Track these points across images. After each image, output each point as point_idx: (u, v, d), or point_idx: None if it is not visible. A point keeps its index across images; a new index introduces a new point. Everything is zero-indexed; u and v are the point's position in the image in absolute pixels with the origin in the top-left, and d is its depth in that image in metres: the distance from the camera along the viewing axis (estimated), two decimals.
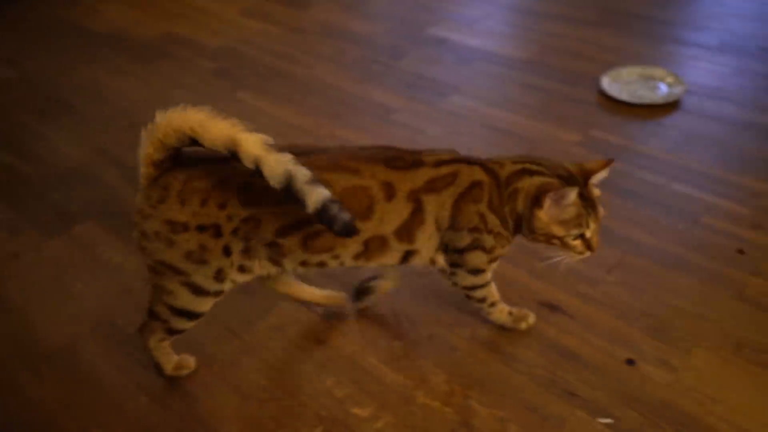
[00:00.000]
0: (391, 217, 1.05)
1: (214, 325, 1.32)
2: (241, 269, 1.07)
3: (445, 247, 1.12)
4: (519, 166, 1.10)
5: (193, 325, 1.12)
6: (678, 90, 2.05)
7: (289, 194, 0.90)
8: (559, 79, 2.22)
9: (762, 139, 1.84)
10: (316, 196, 0.89)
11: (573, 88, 2.16)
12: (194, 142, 0.93)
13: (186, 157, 1.01)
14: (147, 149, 0.97)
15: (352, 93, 2.21)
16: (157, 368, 1.22)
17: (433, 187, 1.06)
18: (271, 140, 0.90)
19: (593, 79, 2.17)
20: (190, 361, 1.24)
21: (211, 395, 1.19)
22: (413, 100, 2.14)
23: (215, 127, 0.91)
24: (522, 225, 1.11)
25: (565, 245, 1.10)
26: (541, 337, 1.28)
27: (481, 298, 1.23)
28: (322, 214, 0.90)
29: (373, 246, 1.07)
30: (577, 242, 1.09)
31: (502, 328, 1.30)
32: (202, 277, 1.04)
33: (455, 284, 1.19)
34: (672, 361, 1.22)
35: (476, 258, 1.13)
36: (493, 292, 1.24)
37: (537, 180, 1.07)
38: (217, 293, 1.08)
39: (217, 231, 1.01)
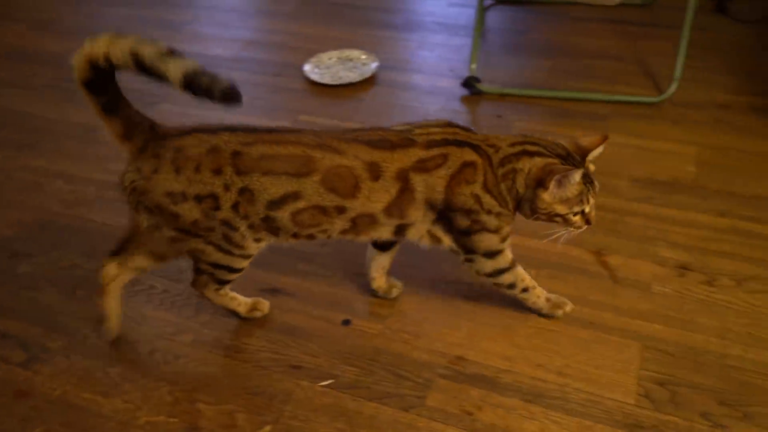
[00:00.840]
0: (378, 195, 1.07)
1: None
2: (257, 241, 1.12)
3: (450, 228, 1.13)
4: (518, 148, 1.10)
5: (238, 275, 1.19)
6: (372, 67, 2.23)
7: (149, 75, 0.95)
8: (265, 72, 2.28)
9: (443, 100, 2.10)
10: (177, 68, 0.92)
11: (279, 78, 2.23)
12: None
13: (174, 129, 1.06)
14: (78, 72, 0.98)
15: (48, 118, 2.02)
16: (233, 313, 1.29)
17: (423, 166, 1.07)
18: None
19: (298, 67, 2.26)
20: (265, 304, 1.31)
21: None
22: None
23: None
24: (521, 204, 1.12)
25: (566, 221, 1.13)
26: (264, 322, 1.31)
27: (510, 284, 1.22)
28: (192, 87, 0.92)
29: (362, 222, 1.10)
30: (578, 218, 1.13)
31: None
32: (220, 240, 1.09)
33: (479, 274, 1.20)
34: (381, 311, 1.34)
35: (485, 240, 1.14)
36: (522, 276, 1.23)
37: (538, 161, 1.09)
38: (244, 256, 1.14)
39: (215, 202, 1.04)
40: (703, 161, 1.72)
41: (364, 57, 2.30)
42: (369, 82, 2.20)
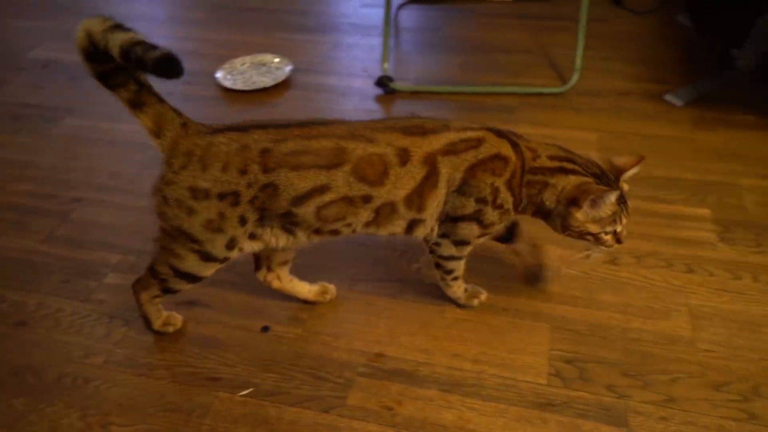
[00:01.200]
0: (403, 181, 1.06)
1: None
2: (252, 237, 1.10)
3: (444, 217, 1.12)
4: (555, 163, 1.10)
5: (189, 287, 1.18)
6: (286, 71, 2.22)
7: (103, 54, 0.95)
8: (176, 81, 2.22)
9: (358, 100, 2.11)
10: (116, 41, 0.92)
11: (191, 86, 2.18)
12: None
13: (207, 127, 1.06)
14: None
15: None
16: (146, 322, 1.27)
17: (453, 149, 1.06)
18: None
19: (210, 75, 2.22)
20: (178, 319, 1.28)
21: None
22: (19, 132, 1.94)
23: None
24: (551, 218, 1.12)
25: (597, 240, 1.12)
26: (181, 336, 1.29)
27: (451, 269, 1.24)
28: (128, 58, 0.92)
29: (384, 213, 1.09)
30: (609, 236, 1.12)
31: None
32: (215, 245, 1.08)
33: (433, 252, 1.21)
34: (300, 315, 1.33)
35: (468, 229, 1.14)
36: (461, 266, 1.25)
37: (573, 179, 1.08)
38: (225, 260, 1.12)
39: (235, 199, 1.03)
40: (605, 146, 1.80)
41: (277, 61, 2.28)
42: (283, 85, 2.18)
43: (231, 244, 1.10)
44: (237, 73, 2.23)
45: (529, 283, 1.38)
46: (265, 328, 1.30)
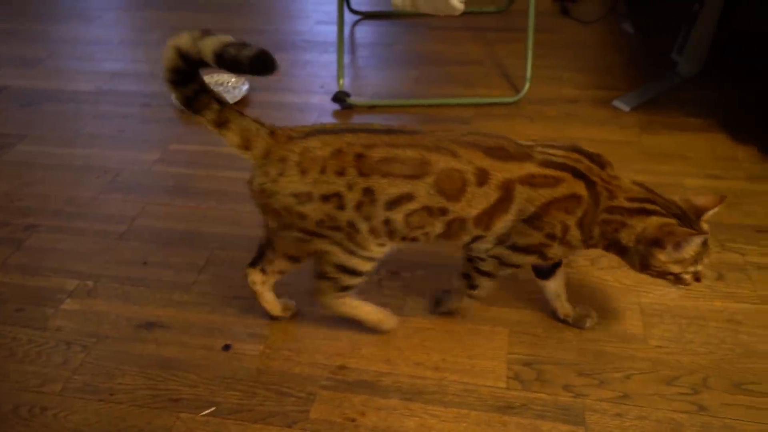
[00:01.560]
0: (477, 201, 1.07)
1: None
2: (380, 246, 1.14)
3: (505, 240, 1.12)
4: (636, 205, 1.07)
5: (361, 280, 1.19)
6: (243, 90, 2.23)
7: (195, 65, 0.99)
8: (132, 103, 2.21)
9: (316, 116, 2.13)
10: (208, 48, 0.95)
11: (148, 109, 2.17)
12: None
13: (297, 131, 1.09)
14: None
15: None
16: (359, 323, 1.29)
17: (531, 182, 1.06)
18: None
19: (167, 96, 2.21)
20: (394, 320, 1.31)
21: None
22: None
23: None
24: (629, 256, 1.10)
25: (678, 279, 1.09)
26: (140, 358, 1.27)
27: (478, 284, 1.24)
28: (223, 61, 0.95)
29: (454, 227, 1.10)
30: (689, 276, 1.09)
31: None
32: (344, 241, 1.11)
33: (471, 262, 1.21)
34: (263, 332, 1.33)
35: (525, 259, 1.15)
36: (488, 285, 1.25)
37: (655, 220, 1.05)
38: (368, 258, 1.15)
39: (340, 202, 1.06)
40: None
41: (233, 80, 2.29)
42: (241, 104, 2.19)
43: (357, 243, 1.12)
44: None
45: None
46: (227, 347, 1.30)
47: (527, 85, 2.12)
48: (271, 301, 1.33)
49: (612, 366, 1.23)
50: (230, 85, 2.27)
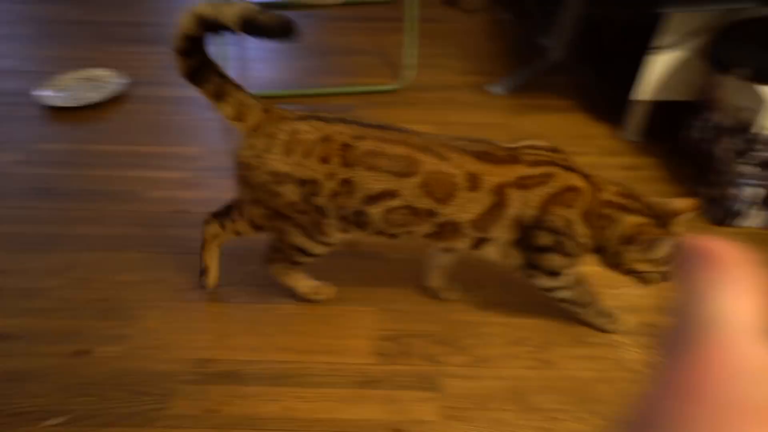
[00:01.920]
0: (471, 206, 1.07)
1: None
2: (343, 231, 1.14)
3: (525, 245, 1.11)
4: (622, 200, 1.08)
5: (312, 260, 1.21)
6: (119, 85, 2.13)
7: (214, 29, 1.03)
8: None
9: (199, 110, 2.07)
10: (232, 13, 0.98)
11: (12, 107, 2.04)
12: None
13: (291, 113, 1.10)
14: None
15: None
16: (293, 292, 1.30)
17: (523, 183, 1.06)
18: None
19: (33, 93, 2.09)
20: (331, 290, 1.32)
21: None
22: None
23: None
24: (604, 253, 1.10)
25: (644, 278, 1.09)
26: None
27: (565, 298, 1.21)
28: (249, 28, 0.98)
29: (446, 230, 1.10)
30: (657, 276, 1.08)
31: None
32: (307, 225, 1.13)
33: (534, 285, 1.19)
34: (124, 332, 1.28)
35: (554, 260, 1.12)
36: (583, 292, 1.20)
37: (633, 219, 1.06)
38: (325, 243, 1.16)
39: (315, 188, 1.07)
40: None
41: (108, 74, 2.19)
42: (119, 100, 2.10)
43: (320, 229, 1.14)
44: (63, 90, 2.12)
45: (359, 270, 1.42)
46: (83, 352, 1.24)
47: (407, 73, 2.14)
48: (210, 259, 1.32)
49: (467, 332, 1.27)
50: (104, 81, 2.17)
